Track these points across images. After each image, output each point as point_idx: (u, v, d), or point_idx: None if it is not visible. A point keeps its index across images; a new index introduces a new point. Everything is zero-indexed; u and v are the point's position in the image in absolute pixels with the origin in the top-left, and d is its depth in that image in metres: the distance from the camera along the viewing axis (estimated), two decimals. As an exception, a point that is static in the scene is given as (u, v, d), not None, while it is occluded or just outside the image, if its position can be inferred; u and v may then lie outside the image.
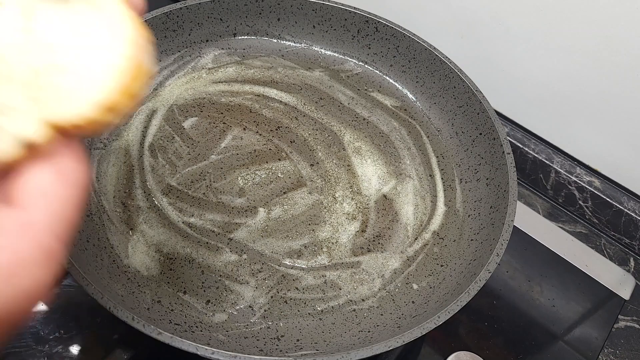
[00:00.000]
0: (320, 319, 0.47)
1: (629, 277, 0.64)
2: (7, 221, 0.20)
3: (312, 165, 0.57)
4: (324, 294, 0.48)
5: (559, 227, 0.67)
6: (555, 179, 0.69)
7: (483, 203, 0.54)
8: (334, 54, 0.67)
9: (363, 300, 0.48)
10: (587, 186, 0.67)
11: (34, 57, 0.21)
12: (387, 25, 0.64)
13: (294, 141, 0.59)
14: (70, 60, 0.21)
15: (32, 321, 0.51)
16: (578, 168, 0.68)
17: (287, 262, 0.50)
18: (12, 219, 0.20)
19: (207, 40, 0.65)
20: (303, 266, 0.49)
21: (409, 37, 0.63)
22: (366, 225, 0.53)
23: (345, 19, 0.65)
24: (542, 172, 0.69)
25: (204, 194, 0.53)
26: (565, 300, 0.61)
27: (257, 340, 0.44)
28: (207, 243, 0.49)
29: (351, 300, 0.48)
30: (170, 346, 0.36)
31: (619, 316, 0.60)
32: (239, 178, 0.55)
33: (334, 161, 0.58)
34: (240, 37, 0.66)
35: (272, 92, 0.63)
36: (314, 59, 0.67)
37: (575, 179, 0.68)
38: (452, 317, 0.42)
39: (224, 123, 0.59)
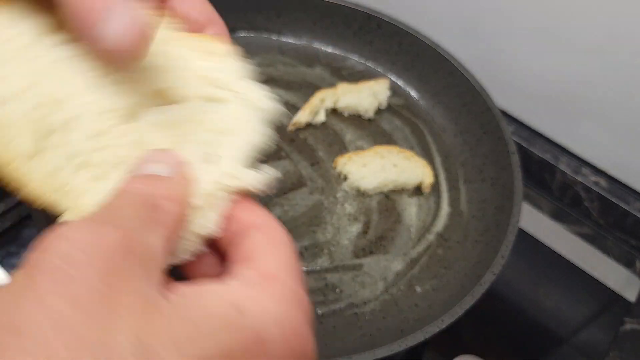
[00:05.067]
0: (321, 323, 0.46)
1: (635, 279, 0.64)
2: (257, 290, 0.20)
3: (312, 164, 0.56)
4: (325, 297, 0.47)
5: (565, 228, 0.67)
6: (561, 180, 0.68)
7: (488, 204, 0.54)
8: (335, 51, 0.66)
9: (365, 303, 0.47)
10: (593, 187, 0.66)
11: None
12: (390, 22, 0.63)
13: (294, 140, 0.58)
14: None
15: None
16: (584, 168, 0.67)
17: (287, 264, 0.49)
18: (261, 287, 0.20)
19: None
20: (303, 268, 0.49)
21: (412, 34, 0.62)
22: (368, 227, 0.52)
23: (347, 15, 0.64)
24: (547, 173, 0.68)
25: (202, 194, 0.52)
26: (570, 302, 0.60)
27: (256, 344, 0.43)
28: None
29: (353, 304, 0.47)
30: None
31: (625, 319, 0.59)
32: (238, 178, 0.54)
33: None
34: (239, 34, 0.65)
35: (272, 90, 0.62)
36: (315, 56, 0.66)
37: (581, 180, 0.67)
38: (456, 320, 0.41)
39: (222, 121, 0.58)
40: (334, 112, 0.61)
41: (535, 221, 0.66)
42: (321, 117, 0.59)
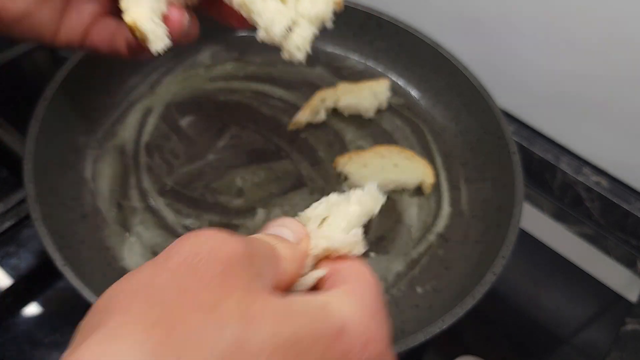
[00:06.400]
0: (321, 324, 0.45)
1: (636, 279, 0.63)
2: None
3: (312, 165, 0.56)
4: (325, 297, 0.47)
5: (566, 228, 0.66)
6: (562, 179, 0.67)
7: (489, 204, 0.53)
8: (336, 51, 0.66)
9: (365, 304, 0.47)
10: (594, 187, 0.66)
11: None
12: (390, 22, 0.62)
13: (294, 140, 0.58)
14: None
15: (26, 325, 0.49)
16: (585, 168, 0.67)
17: (287, 264, 0.48)
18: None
19: (204, 36, 0.64)
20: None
21: (413, 33, 0.62)
22: (368, 227, 0.52)
23: (347, 15, 0.63)
24: (548, 172, 0.68)
25: (201, 194, 0.52)
26: (571, 303, 0.60)
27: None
28: (204, 245, 0.48)
29: (353, 304, 0.47)
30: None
31: (626, 319, 0.59)
32: (238, 178, 0.54)
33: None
34: (239, 33, 0.65)
35: (272, 90, 0.62)
36: (315, 55, 0.65)
37: (582, 180, 0.66)
38: (457, 320, 0.41)
39: (221, 121, 0.58)
40: (334, 111, 0.60)
41: (536, 221, 0.65)
42: (321, 117, 0.59)
